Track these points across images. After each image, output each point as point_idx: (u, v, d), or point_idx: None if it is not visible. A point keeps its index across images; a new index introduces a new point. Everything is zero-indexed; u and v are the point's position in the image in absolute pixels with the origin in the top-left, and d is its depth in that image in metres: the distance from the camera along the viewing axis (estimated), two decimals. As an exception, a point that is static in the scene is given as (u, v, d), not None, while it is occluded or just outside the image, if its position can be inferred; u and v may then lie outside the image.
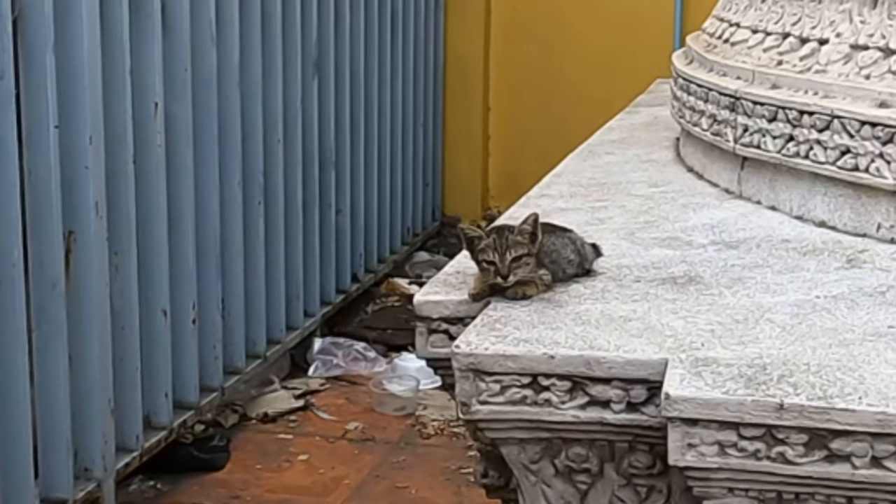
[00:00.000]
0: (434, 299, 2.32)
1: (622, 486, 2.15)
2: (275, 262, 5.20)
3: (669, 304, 2.26)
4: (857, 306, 2.25)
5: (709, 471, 1.92)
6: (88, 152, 3.86)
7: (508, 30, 7.14)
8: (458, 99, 7.20)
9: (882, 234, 2.61)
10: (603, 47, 6.88)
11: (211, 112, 4.60)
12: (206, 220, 4.62)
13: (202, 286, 4.61)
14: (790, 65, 2.87)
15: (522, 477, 2.17)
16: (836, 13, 2.82)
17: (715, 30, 3.34)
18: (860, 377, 1.94)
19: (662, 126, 3.83)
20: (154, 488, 4.49)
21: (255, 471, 4.65)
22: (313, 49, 5.46)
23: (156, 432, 4.39)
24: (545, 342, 2.09)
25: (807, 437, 1.87)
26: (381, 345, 5.73)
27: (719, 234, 2.70)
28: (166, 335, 4.39)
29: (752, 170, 2.94)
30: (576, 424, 2.08)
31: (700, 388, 1.91)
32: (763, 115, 2.82)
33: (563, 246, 2.38)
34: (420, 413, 5.11)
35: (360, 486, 4.55)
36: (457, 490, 4.51)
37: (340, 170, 5.81)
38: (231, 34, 4.73)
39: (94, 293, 3.94)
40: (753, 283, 2.38)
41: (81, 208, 3.89)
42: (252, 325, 5.04)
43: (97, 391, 4.00)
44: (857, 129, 2.59)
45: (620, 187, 3.14)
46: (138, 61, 4.13)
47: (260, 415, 5.05)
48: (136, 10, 4.11)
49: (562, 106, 6.96)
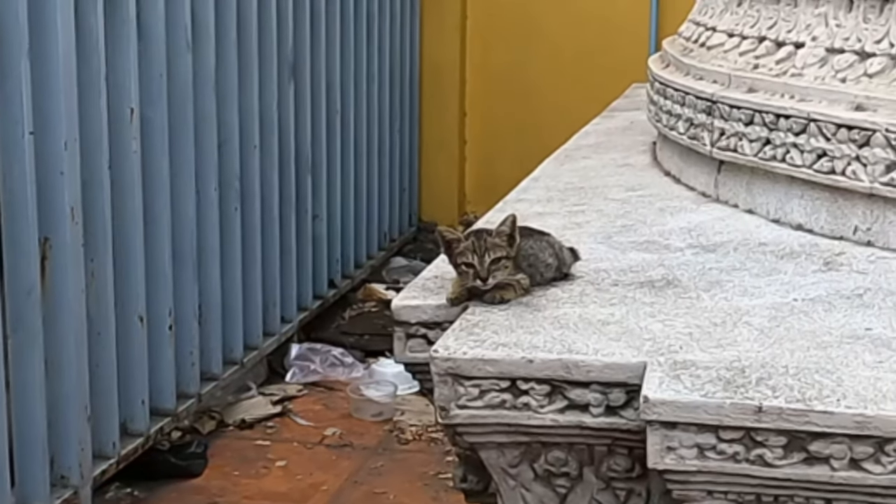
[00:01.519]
0: (412, 304, 2.31)
1: (601, 489, 2.15)
2: (252, 268, 5.19)
3: (647, 307, 2.26)
4: (835, 309, 2.25)
5: (688, 474, 1.92)
6: (64, 158, 3.85)
7: (484, 35, 7.15)
8: (435, 104, 7.20)
9: (859, 237, 2.62)
10: (579, 52, 6.90)
11: (187, 117, 4.59)
12: (182, 226, 4.61)
13: (179, 292, 4.60)
14: (766, 68, 2.87)
15: (501, 481, 2.17)
16: (811, 17, 2.82)
17: (691, 34, 3.34)
18: (838, 379, 1.94)
19: (639, 130, 3.83)
20: (131, 495, 4.47)
21: (232, 477, 4.63)
22: (289, 54, 5.45)
23: (133, 439, 4.37)
24: (524, 346, 2.08)
25: (785, 440, 1.87)
26: (359, 350, 5.73)
27: (696, 238, 2.70)
28: (143, 341, 4.37)
29: (729, 173, 2.94)
30: (555, 428, 2.08)
31: (679, 391, 1.91)
32: (740, 118, 2.82)
33: (541, 250, 2.37)
34: (398, 418, 5.10)
35: (338, 492, 4.54)
36: (435, 495, 4.51)
37: (317, 175, 5.81)
38: (207, 39, 4.72)
39: (69, 299, 3.93)
40: (731, 286, 2.38)
41: (57, 214, 3.87)
42: (229, 331, 5.03)
43: (73, 398, 3.98)
44: (834, 132, 2.59)
45: (597, 191, 3.13)
46: (113, 66, 4.12)
47: (237, 421, 5.04)
48: (111, 16, 4.10)
49: (538, 111, 6.97)
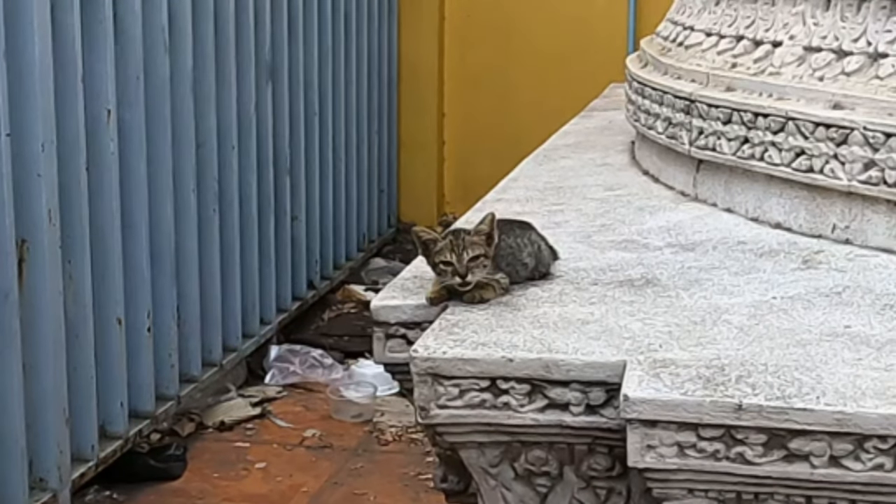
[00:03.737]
0: (391, 304, 2.30)
1: (582, 488, 2.14)
2: (230, 270, 5.18)
3: (627, 306, 2.26)
4: (814, 307, 2.25)
5: (668, 472, 1.92)
6: (41, 160, 3.83)
7: (462, 36, 7.14)
8: (413, 105, 7.19)
9: (837, 235, 2.62)
10: (557, 52, 6.90)
11: (164, 119, 4.58)
12: (160, 228, 4.59)
13: (157, 294, 4.59)
14: (744, 67, 2.87)
15: (482, 481, 2.16)
16: (789, 15, 2.83)
17: (669, 33, 3.34)
18: (818, 377, 1.94)
19: (617, 130, 3.84)
20: (110, 498, 4.45)
21: (212, 479, 4.62)
22: (267, 55, 5.44)
23: (111, 442, 4.36)
24: (503, 345, 2.08)
25: (765, 437, 1.88)
26: (338, 352, 5.72)
27: (675, 237, 2.70)
28: (121, 344, 4.36)
29: (708, 172, 2.94)
30: (535, 427, 2.07)
31: (659, 389, 1.91)
32: (718, 117, 2.83)
33: (520, 249, 2.37)
34: (377, 419, 5.10)
35: (318, 494, 4.54)
36: (415, 496, 4.50)
37: (295, 176, 5.80)
38: (184, 41, 4.70)
39: (47, 302, 3.91)
40: (710, 284, 2.38)
41: (34, 217, 3.86)
42: (208, 333, 5.02)
43: (52, 401, 3.96)
44: (812, 130, 2.59)
45: (576, 191, 3.13)
46: (90, 68, 4.11)
47: (217, 423, 5.02)
48: (88, 17, 4.09)
49: (517, 111, 6.97)
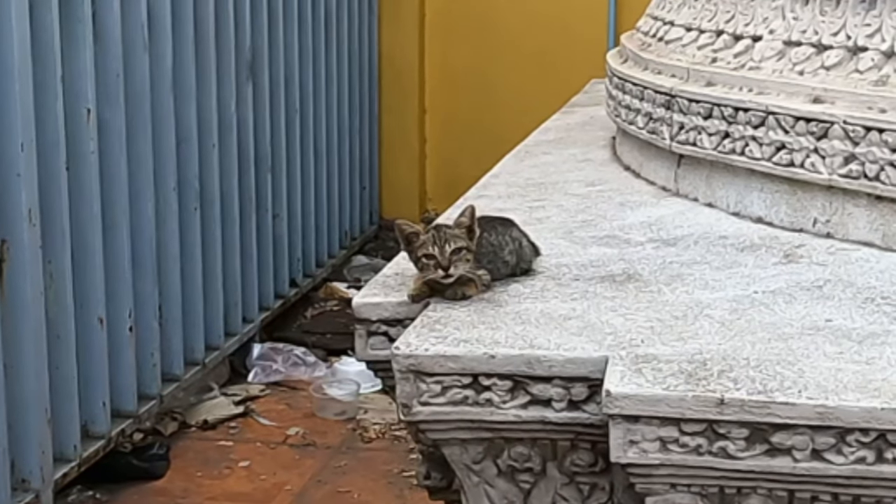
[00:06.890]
0: (373, 301, 2.30)
1: (565, 484, 2.15)
2: (212, 268, 5.17)
3: (609, 301, 2.26)
4: (795, 301, 2.25)
5: (651, 467, 1.92)
6: (20, 159, 3.82)
7: (443, 32, 7.14)
8: (394, 102, 7.19)
9: (818, 229, 2.63)
10: (537, 48, 6.90)
11: (144, 118, 4.57)
12: (141, 227, 4.58)
13: (139, 293, 4.57)
14: (724, 62, 2.88)
15: (465, 477, 2.16)
16: (769, 10, 2.83)
17: (649, 28, 3.35)
18: (800, 371, 1.94)
19: (598, 125, 3.84)
20: (93, 498, 4.44)
21: (195, 478, 4.62)
22: (247, 53, 5.43)
23: (94, 441, 4.35)
24: (485, 342, 2.08)
25: (748, 432, 1.88)
26: (321, 349, 5.72)
27: (657, 232, 2.70)
28: (103, 343, 4.35)
29: (689, 167, 2.94)
30: (518, 424, 2.07)
31: (641, 384, 1.91)
32: (698, 112, 2.83)
33: (501, 247, 2.37)
34: (361, 417, 5.09)
35: (302, 492, 4.53)
36: (399, 493, 4.50)
37: (277, 174, 5.79)
38: (163, 39, 4.69)
39: (28, 302, 3.90)
40: (692, 279, 2.38)
41: (14, 216, 3.85)
42: (190, 331, 5.01)
43: (33, 401, 3.95)
44: (792, 124, 2.60)
45: (558, 187, 3.13)
46: (70, 67, 4.10)
47: (200, 422, 5.01)
48: (67, 16, 4.07)
49: (498, 108, 6.97)
